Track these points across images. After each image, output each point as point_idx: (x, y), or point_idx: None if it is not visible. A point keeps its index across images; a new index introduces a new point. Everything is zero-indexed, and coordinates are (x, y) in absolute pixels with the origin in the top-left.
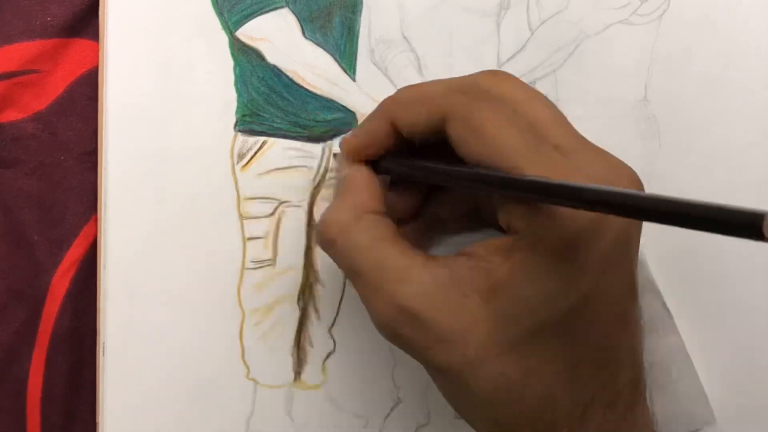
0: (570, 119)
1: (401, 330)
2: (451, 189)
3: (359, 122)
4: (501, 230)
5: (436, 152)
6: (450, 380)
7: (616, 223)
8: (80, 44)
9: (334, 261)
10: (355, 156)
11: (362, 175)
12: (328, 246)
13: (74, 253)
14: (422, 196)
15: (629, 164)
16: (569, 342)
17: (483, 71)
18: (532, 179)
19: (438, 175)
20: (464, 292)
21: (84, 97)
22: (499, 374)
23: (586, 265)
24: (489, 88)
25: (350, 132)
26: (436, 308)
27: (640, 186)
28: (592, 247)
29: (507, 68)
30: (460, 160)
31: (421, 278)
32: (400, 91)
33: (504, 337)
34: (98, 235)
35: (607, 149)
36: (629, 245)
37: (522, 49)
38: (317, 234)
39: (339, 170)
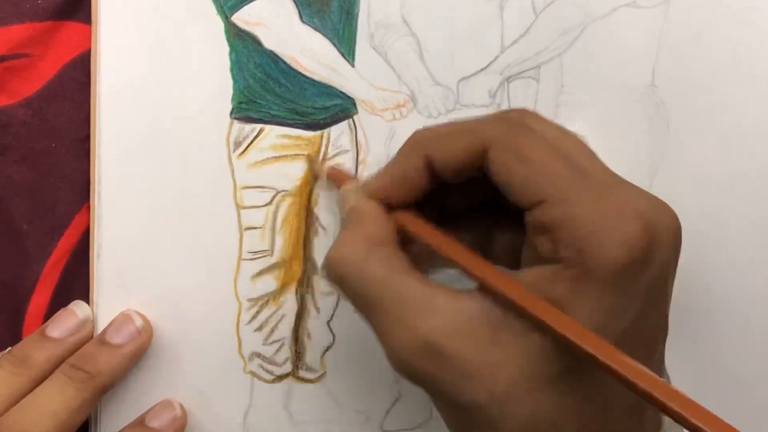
0: (576, 105)
1: (424, 366)
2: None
3: (358, 109)
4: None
5: (467, 195)
6: (473, 418)
7: (659, 255)
8: (71, 27)
9: (346, 297)
10: (382, 201)
11: (371, 207)
12: (340, 281)
13: (66, 243)
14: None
15: (638, 152)
16: (602, 384)
17: (513, 109)
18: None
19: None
20: (495, 325)
21: (76, 82)
22: (531, 413)
23: (631, 299)
24: (525, 122)
25: (373, 174)
26: (463, 342)
27: (679, 222)
28: (638, 281)
29: (511, 52)
30: (493, 198)
31: (447, 310)
32: (429, 128)
33: (539, 373)
34: (91, 225)
35: (614, 136)
36: (668, 280)
37: (526, 32)
38: (326, 270)
39: (343, 204)
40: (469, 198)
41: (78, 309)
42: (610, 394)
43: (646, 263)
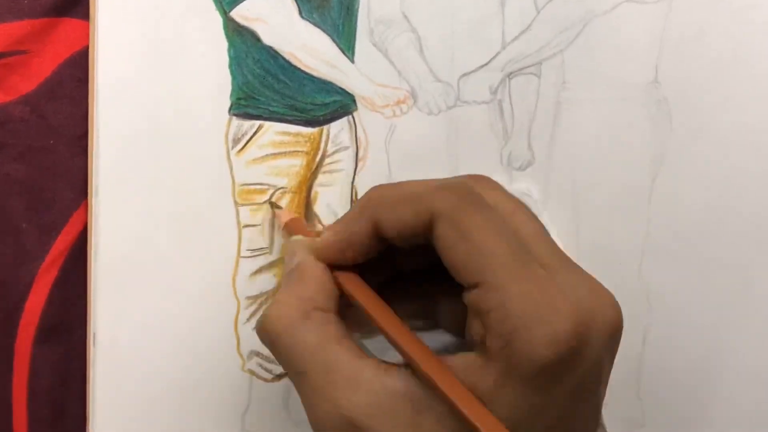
0: (577, 102)
1: None
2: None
3: (358, 105)
4: (455, 332)
5: (419, 258)
6: None
7: (591, 353)
8: (69, 24)
9: (277, 359)
10: (328, 259)
11: (314, 267)
12: (271, 342)
13: (63, 240)
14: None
15: (639, 150)
16: None
17: (467, 175)
18: None
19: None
20: (418, 406)
21: (73, 79)
22: None
23: (557, 396)
24: (479, 192)
25: (324, 232)
26: (383, 421)
27: (620, 314)
28: (566, 378)
29: (512, 48)
30: (440, 267)
31: (371, 386)
32: (380, 189)
33: None
34: (88, 222)
35: (616, 134)
36: (601, 373)
37: (527, 28)
38: (259, 330)
39: (289, 257)
40: (422, 260)
41: None
42: None
43: (574, 361)
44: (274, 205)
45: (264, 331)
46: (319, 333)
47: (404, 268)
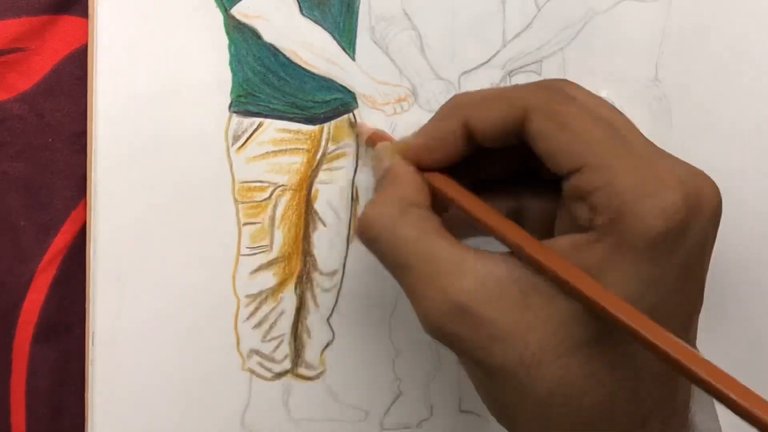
0: None
1: (453, 327)
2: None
3: (358, 103)
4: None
5: (502, 162)
6: (502, 381)
7: (698, 227)
8: (68, 21)
9: (379, 258)
10: (417, 162)
11: (406, 168)
12: (373, 241)
13: (62, 239)
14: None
15: None
16: (632, 352)
17: (553, 79)
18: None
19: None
20: (526, 289)
21: (72, 77)
22: (559, 378)
23: (667, 270)
24: (566, 91)
25: (409, 135)
26: (493, 304)
27: (720, 196)
28: (675, 251)
29: (513, 46)
30: (528, 167)
31: (477, 272)
32: (467, 93)
33: (569, 339)
34: (87, 221)
35: None
36: (705, 251)
37: (528, 26)
38: (359, 230)
39: (378, 163)
40: (504, 165)
41: None
42: (641, 363)
43: (683, 234)
44: (353, 123)
45: (364, 231)
46: (419, 227)
47: (486, 177)
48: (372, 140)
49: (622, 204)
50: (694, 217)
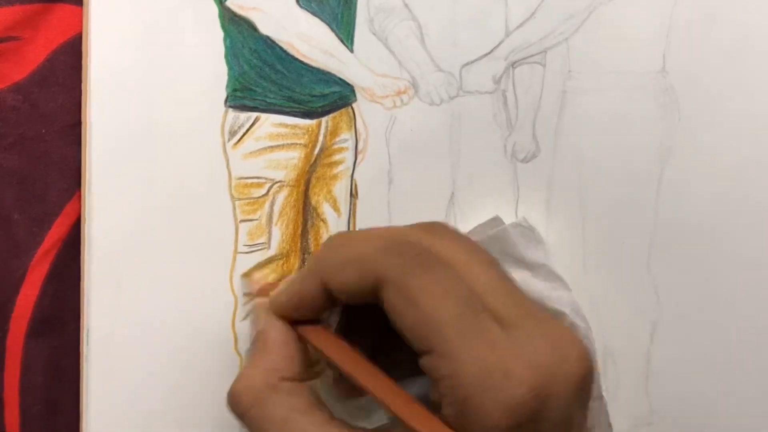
0: (583, 91)
1: None
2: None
3: (357, 96)
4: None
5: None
6: None
7: (554, 412)
8: (62, 10)
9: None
10: (285, 319)
11: (278, 332)
12: (241, 415)
13: (56, 232)
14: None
15: (648, 139)
16: None
17: (419, 224)
18: None
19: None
20: None
21: (66, 66)
22: None
23: None
24: (428, 247)
25: (278, 288)
26: None
27: (587, 363)
28: None
29: (515, 36)
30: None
31: None
32: (330, 247)
33: None
34: (82, 214)
35: (623, 123)
36: (571, 428)
37: (531, 16)
38: (229, 399)
39: (255, 323)
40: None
41: None
42: None
43: (535, 423)
44: (244, 277)
45: (233, 405)
46: (285, 405)
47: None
48: (257, 295)
49: (467, 397)
50: (546, 405)
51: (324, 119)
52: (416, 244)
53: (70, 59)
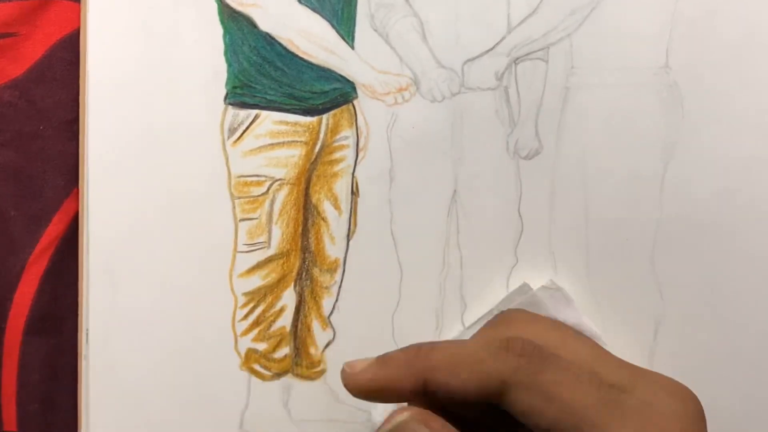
0: (586, 87)
1: None
2: None
3: (358, 93)
4: None
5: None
6: None
7: None
8: (60, 5)
9: None
10: (365, 395)
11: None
12: None
13: (53, 229)
14: None
15: (651, 135)
16: None
17: (501, 319)
18: None
19: None
20: None
21: (64, 62)
22: None
23: None
24: (537, 340)
25: (360, 363)
26: None
27: (701, 410)
28: None
29: (518, 32)
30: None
31: None
32: (432, 346)
33: None
34: (80, 211)
35: (626, 120)
36: None
37: (534, 11)
38: None
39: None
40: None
41: None
42: None
43: None
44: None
45: None
46: None
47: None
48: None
49: None
50: None
51: (325, 116)
52: (527, 341)
53: (67, 55)
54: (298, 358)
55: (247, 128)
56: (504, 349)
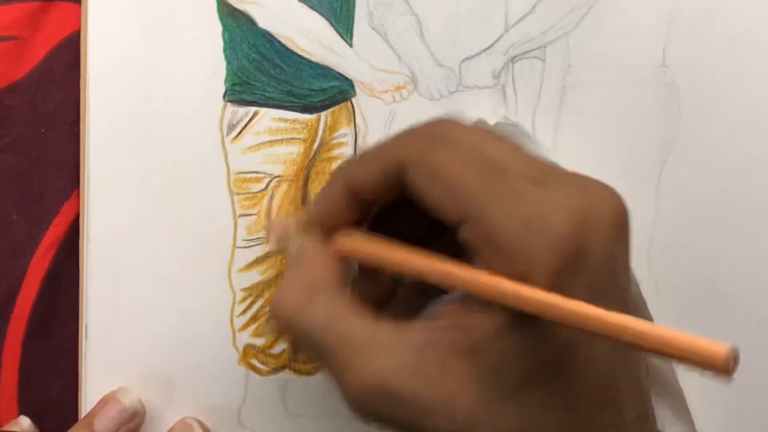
0: (583, 86)
1: (379, 409)
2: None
3: (356, 91)
4: None
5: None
6: None
7: (599, 247)
8: (61, 7)
9: (296, 347)
10: (310, 228)
11: (313, 247)
12: (283, 330)
13: (55, 231)
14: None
15: (648, 134)
16: (566, 384)
17: (429, 121)
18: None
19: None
20: (442, 354)
21: (64, 65)
22: None
23: (577, 297)
24: (443, 133)
25: (307, 204)
26: (413, 379)
27: (620, 201)
28: (578, 279)
29: (515, 31)
30: (425, 222)
31: (392, 348)
32: (348, 157)
33: (494, 392)
34: (80, 212)
35: (623, 118)
36: (616, 268)
37: (531, 10)
38: (270, 321)
39: (290, 245)
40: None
41: (123, 398)
42: (577, 394)
43: (582, 261)
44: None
45: (274, 321)
46: (325, 311)
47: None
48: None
49: (511, 253)
50: (589, 240)
51: (323, 114)
52: (433, 130)
53: (68, 57)
54: (295, 354)
55: (246, 125)
56: (406, 136)
